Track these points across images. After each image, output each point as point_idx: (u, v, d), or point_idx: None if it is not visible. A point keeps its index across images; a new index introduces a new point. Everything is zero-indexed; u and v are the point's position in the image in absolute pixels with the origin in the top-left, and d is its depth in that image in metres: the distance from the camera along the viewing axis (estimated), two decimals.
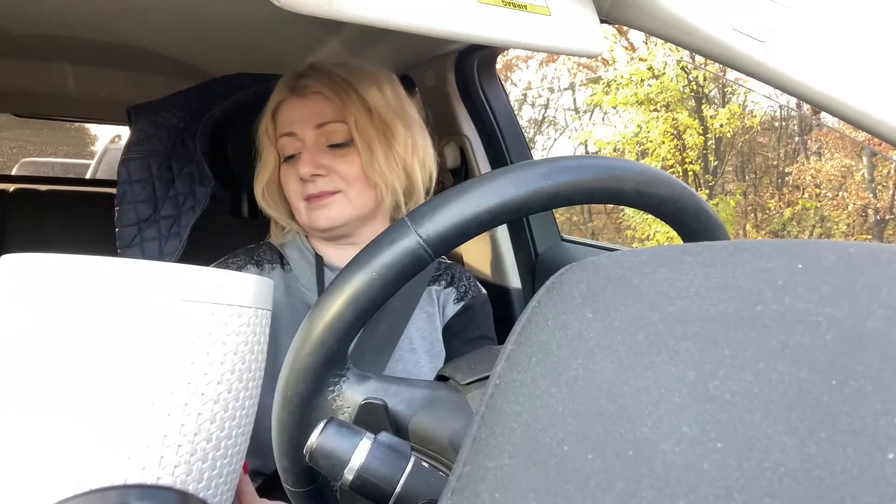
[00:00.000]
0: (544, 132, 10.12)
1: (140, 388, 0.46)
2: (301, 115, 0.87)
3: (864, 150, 7.30)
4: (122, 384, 0.46)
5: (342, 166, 0.86)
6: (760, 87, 0.68)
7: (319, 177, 0.85)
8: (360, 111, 0.86)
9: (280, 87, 0.91)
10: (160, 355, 0.47)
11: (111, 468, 0.46)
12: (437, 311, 0.95)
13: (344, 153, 0.86)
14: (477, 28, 0.61)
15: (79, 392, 0.46)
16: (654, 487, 0.18)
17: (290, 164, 0.89)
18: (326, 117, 0.86)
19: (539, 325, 0.26)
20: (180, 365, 0.47)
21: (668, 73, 8.02)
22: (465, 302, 0.96)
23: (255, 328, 0.54)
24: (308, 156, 0.86)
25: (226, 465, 0.52)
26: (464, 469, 0.23)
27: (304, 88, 0.88)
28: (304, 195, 0.87)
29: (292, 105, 0.88)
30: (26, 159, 7.43)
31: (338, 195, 0.86)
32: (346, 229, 0.89)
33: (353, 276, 0.38)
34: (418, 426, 0.40)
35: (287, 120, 0.88)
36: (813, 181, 7.94)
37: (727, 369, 0.20)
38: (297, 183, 0.87)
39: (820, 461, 0.17)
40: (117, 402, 0.46)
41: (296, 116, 0.87)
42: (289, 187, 0.89)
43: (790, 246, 0.26)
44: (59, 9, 1.16)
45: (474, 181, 0.39)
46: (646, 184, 0.42)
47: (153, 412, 0.46)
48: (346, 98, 0.86)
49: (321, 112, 0.86)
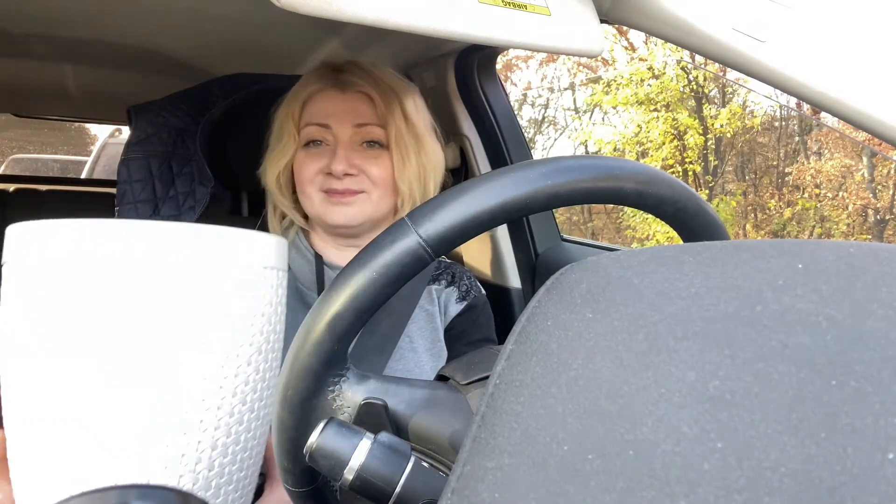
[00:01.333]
0: (544, 132, 10.13)
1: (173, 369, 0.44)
2: (341, 111, 0.86)
3: (864, 150, 7.30)
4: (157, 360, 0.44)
5: (373, 168, 0.85)
6: (760, 87, 0.68)
7: (349, 175, 0.85)
8: (400, 120, 0.86)
9: (315, 76, 0.89)
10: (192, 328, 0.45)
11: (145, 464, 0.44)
12: (438, 310, 0.95)
13: (377, 154, 0.86)
14: (477, 28, 0.61)
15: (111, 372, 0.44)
16: (654, 487, 0.18)
17: (311, 151, 0.87)
18: (367, 119, 0.86)
19: (539, 325, 0.26)
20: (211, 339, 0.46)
21: (668, 73, 8.02)
22: (468, 301, 0.96)
23: (278, 290, 0.53)
24: (343, 153, 0.85)
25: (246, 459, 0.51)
26: (464, 469, 0.23)
27: (347, 84, 0.87)
28: (324, 187, 0.85)
29: (330, 98, 0.87)
30: (15, 156, 7.36)
31: (361, 195, 0.86)
32: (357, 230, 0.89)
33: (353, 275, 0.38)
34: (418, 426, 0.40)
35: (322, 111, 0.87)
36: (813, 181, 7.94)
37: (727, 369, 0.20)
38: (318, 173, 0.85)
39: (820, 461, 0.17)
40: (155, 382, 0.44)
41: (333, 110, 0.86)
42: (305, 174, 0.87)
43: (790, 246, 0.26)
44: (59, 9, 1.16)
45: (474, 181, 0.39)
46: (646, 184, 0.42)
47: (187, 404, 0.45)
48: (389, 104, 0.86)
49: (363, 113, 0.86)
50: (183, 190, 1.24)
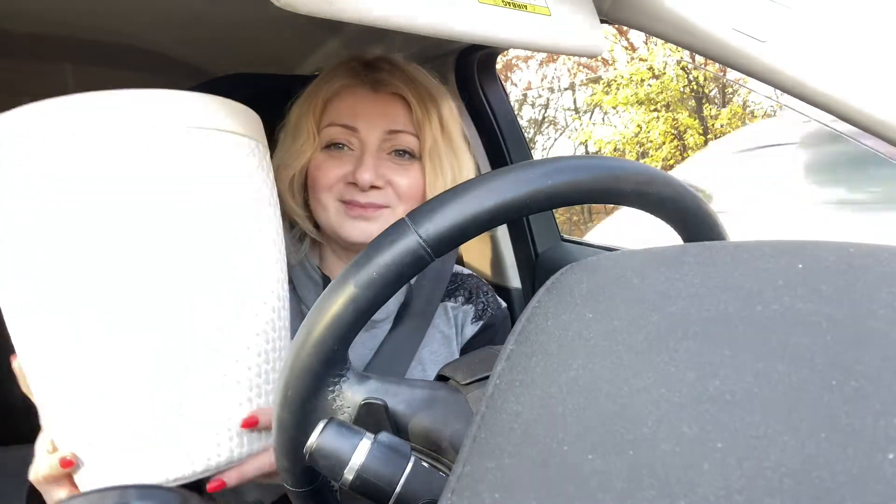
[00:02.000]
0: (544, 132, 10.12)
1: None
2: (371, 113, 0.75)
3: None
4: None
5: (402, 180, 0.75)
6: (760, 87, 0.68)
7: (375, 189, 0.74)
8: (436, 129, 0.76)
9: (342, 71, 0.78)
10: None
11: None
12: (455, 332, 0.86)
13: (407, 165, 0.76)
14: (477, 28, 0.61)
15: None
16: (654, 487, 0.18)
17: (332, 155, 0.76)
18: (401, 125, 0.76)
19: (539, 325, 0.26)
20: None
21: (668, 73, 8.02)
22: (485, 321, 0.88)
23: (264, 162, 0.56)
24: (372, 161, 0.74)
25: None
26: (464, 469, 0.23)
27: (380, 83, 0.76)
28: (342, 197, 0.75)
29: (361, 97, 0.76)
30: None
31: (385, 210, 0.75)
32: None
33: (353, 275, 0.38)
34: (418, 426, 0.40)
35: (350, 111, 0.76)
36: None
37: (727, 369, 0.20)
38: (339, 181, 0.75)
39: (820, 461, 0.17)
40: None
41: (363, 112, 0.75)
42: (323, 180, 0.75)
43: (790, 246, 0.26)
44: (59, 9, 1.16)
45: (474, 181, 0.39)
46: (646, 184, 0.42)
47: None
48: (426, 110, 0.76)
49: (396, 118, 0.76)
50: None
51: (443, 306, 0.87)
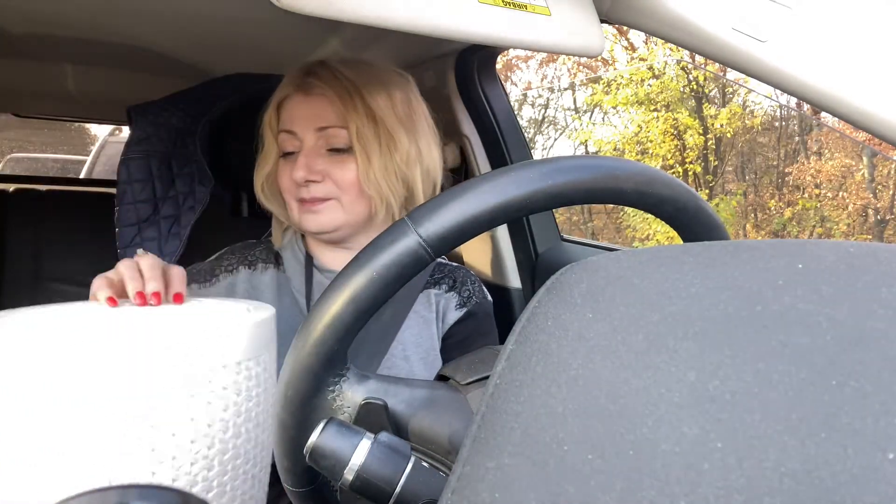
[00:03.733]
0: (544, 132, 10.12)
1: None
2: (303, 115, 0.84)
3: (864, 150, 7.30)
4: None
5: (338, 173, 0.83)
6: (760, 87, 0.67)
7: (314, 182, 0.83)
8: (362, 118, 0.82)
9: (287, 80, 0.88)
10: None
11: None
12: (436, 316, 0.92)
13: (342, 159, 0.83)
14: (477, 28, 0.61)
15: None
16: (654, 487, 0.18)
17: (287, 161, 0.86)
18: (328, 121, 0.83)
19: (539, 325, 0.26)
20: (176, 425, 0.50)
21: (668, 72, 8.02)
22: (468, 308, 0.93)
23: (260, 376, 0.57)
24: (304, 159, 0.83)
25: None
26: (464, 469, 0.23)
27: (309, 87, 0.85)
28: (296, 196, 0.85)
29: (296, 102, 0.85)
30: (13, 155, 7.40)
31: (330, 202, 0.84)
32: (338, 235, 0.87)
33: (352, 275, 0.38)
34: (418, 426, 0.40)
35: (289, 117, 0.86)
36: (813, 181, 7.94)
37: (727, 369, 0.20)
38: (291, 182, 0.84)
39: (820, 461, 0.17)
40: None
41: (298, 115, 0.85)
42: (283, 184, 0.86)
43: (790, 246, 0.26)
44: (59, 9, 1.16)
45: (474, 181, 0.39)
46: (646, 184, 0.42)
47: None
48: (349, 103, 0.83)
49: (323, 115, 0.83)
50: (183, 190, 1.24)
51: (425, 294, 0.93)
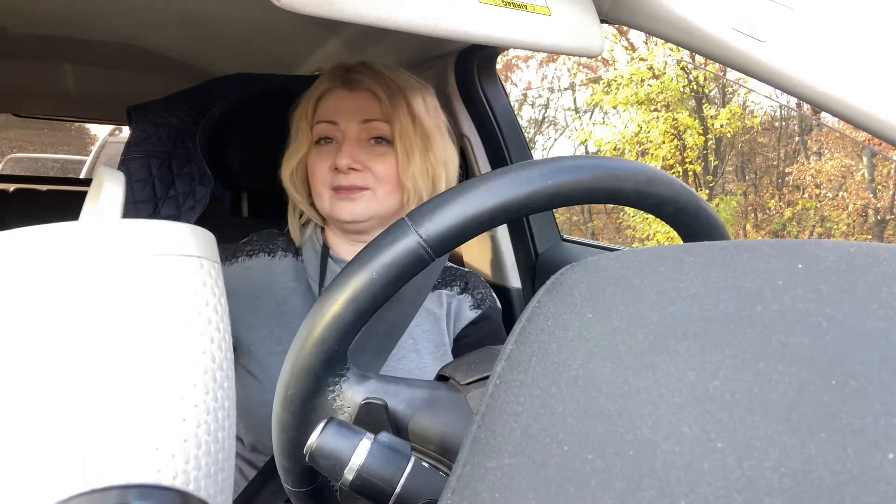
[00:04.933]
0: (544, 132, 10.12)
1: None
2: (348, 108, 0.89)
3: (864, 150, 7.30)
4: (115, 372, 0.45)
5: (378, 165, 0.87)
6: (760, 87, 0.68)
7: (354, 171, 0.87)
8: (406, 117, 0.88)
9: (327, 76, 0.92)
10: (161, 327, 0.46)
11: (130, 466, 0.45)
12: (446, 314, 0.94)
13: (382, 152, 0.88)
14: (477, 28, 0.61)
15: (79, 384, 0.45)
16: (654, 487, 0.18)
17: (322, 150, 0.90)
18: (373, 115, 0.88)
19: (539, 325, 0.26)
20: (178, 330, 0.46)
21: (668, 73, 8.02)
22: (483, 310, 0.96)
23: (217, 280, 0.54)
24: (349, 148, 0.87)
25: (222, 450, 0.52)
26: (464, 469, 0.23)
27: (355, 83, 0.89)
28: (332, 185, 0.88)
29: (340, 96, 0.90)
30: (13, 155, 7.39)
31: (366, 192, 0.88)
32: (366, 225, 0.90)
33: (353, 275, 0.38)
34: (418, 426, 0.40)
35: (331, 108, 0.90)
36: (813, 181, 7.94)
37: (727, 369, 0.20)
38: (328, 171, 0.88)
39: (820, 461, 0.17)
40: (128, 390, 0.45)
41: (342, 107, 0.89)
42: (317, 172, 0.89)
43: (790, 246, 0.26)
44: (59, 9, 1.16)
45: (474, 181, 0.39)
46: (646, 184, 0.42)
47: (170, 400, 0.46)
48: (394, 101, 0.88)
49: (368, 109, 0.88)
50: (183, 190, 1.24)
51: (437, 294, 0.96)
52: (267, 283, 0.92)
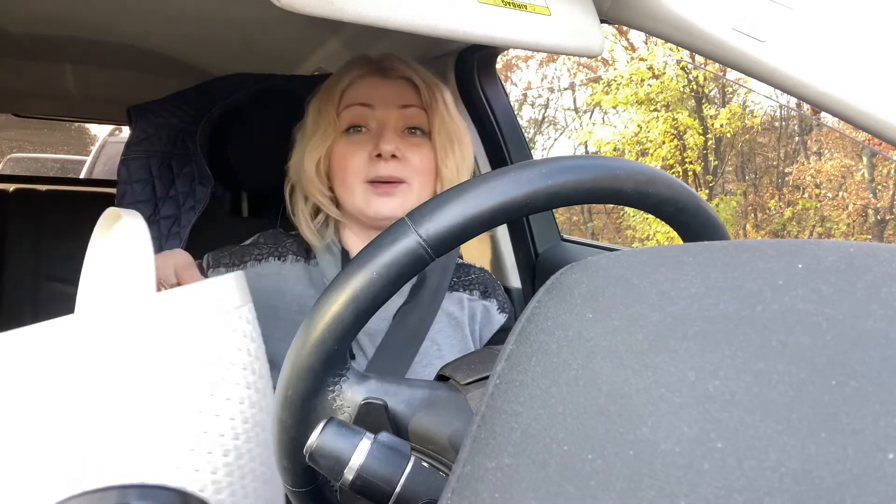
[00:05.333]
0: (544, 132, 10.12)
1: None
2: (385, 93, 0.84)
3: (864, 150, 7.30)
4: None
5: (415, 156, 0.83)
6: (760, 87, 0.68)
7: (395, 159, 0.81)
8: (443, 109, 0.85)
9: (355, 65, 0.87)
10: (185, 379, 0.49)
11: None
12: (469, 318, 0.92)
13: (418, 142, 0.84)
14: (477, 28, 0.61)
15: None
16: (654, 487, 0.18)
17: (353, 138, 0.83)
18: (412, 101, 0.84)
19: (539, 325, 0.26)
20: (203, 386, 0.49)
21: (668, 73, 8.02)
22: (508, 314, 0.95)
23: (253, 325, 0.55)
24: (391, 133, 0.82)
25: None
26: (464, 469, 0.23)
27: (388, 70, 0.85)
28: (369, 177, 0.81)
29: (373, 83, 0.85)
30: (13, 155, 7.39)
31: (403, 185, 0.82)
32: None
33: (352, 275, 0.37)
34: (418, 426, 0.40)
35: (365, 93, 0.84)
36: (813, 181, 7.93)
37: (727, 369, 0.20)
38: (365, 161, 0.81)
39: (820, 461, 0.17)
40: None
41: (378, 92, 0.84)
42: (349, 164, 0.82)
43: (790, 246, 0.26)
44: (59, 9, 1.16)
45: (474, 181, 0.39)
46: (646, 184, 0.42)
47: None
48: (430, 93, 0.85)
49: (406, 95, 0.84)
50: (183, 190, 1.24)
51: (456, 297, 0.92)
52: (281, 290, 0.86)
